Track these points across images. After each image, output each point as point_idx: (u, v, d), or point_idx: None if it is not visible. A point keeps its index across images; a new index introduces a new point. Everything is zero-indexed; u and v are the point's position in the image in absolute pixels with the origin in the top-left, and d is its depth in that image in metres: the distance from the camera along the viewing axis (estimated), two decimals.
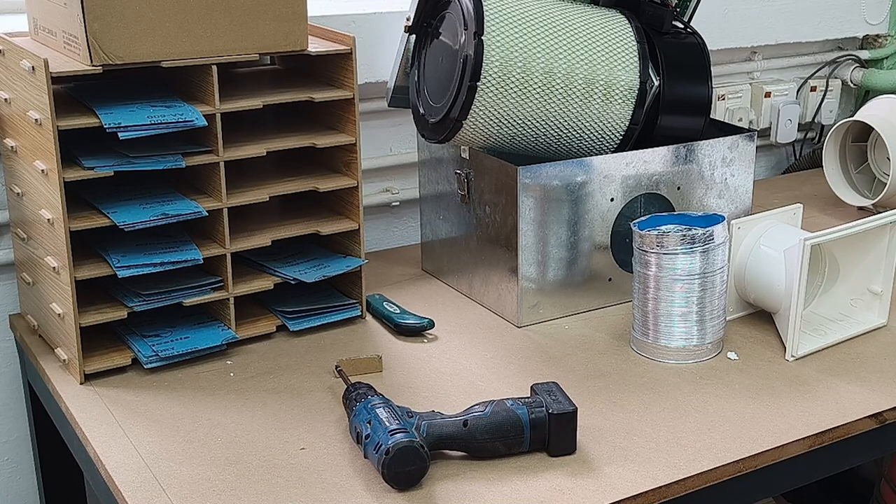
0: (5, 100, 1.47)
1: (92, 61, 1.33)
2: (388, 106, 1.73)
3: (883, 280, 1.57)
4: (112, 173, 1.37)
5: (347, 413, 1.28)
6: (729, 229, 1.51)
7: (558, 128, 1.57)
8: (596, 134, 1.60)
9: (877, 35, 2.50)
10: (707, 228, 1.44)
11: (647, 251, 1.46)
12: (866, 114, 2.06)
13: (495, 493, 1.17)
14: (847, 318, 1.59)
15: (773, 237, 1.56)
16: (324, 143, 1.53)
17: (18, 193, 1.52)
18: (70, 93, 1.43)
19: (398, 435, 1.16)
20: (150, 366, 1.44)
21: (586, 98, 1.56)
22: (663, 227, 1.49)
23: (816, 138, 2.52)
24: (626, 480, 1.19)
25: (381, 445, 1.16)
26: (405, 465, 1.15)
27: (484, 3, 1.49)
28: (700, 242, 1.44)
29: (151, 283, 1.45)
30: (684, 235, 1.43)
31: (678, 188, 1.67)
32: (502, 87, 1.50)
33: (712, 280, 1.46)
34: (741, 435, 1.29)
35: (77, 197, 1.43)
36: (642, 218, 1.51)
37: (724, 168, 1.71)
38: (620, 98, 1.59)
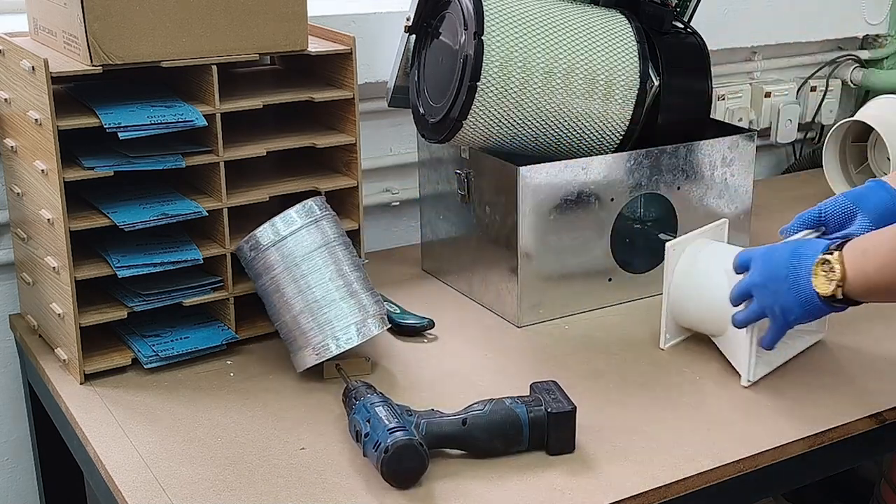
0: (5, 100, 1.47)
1: (92, 61, 1.33)
2: (388, 106, 1.73)
3: None
4: (112, 173, 1.37)
5: (347, 412, 1.28)
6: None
7: (558, 128, 1.57)
8: (596, 134, 1.60)
9: (877, 35, 2.50)
10: (305, 203, 1.41)
11: (266, 246, 1.39)
12: (866, 114, 2.06)
13: (494, 491, 1.17)
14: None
15: (709, 257, 1.46)
16: (324, 143, 1.53)
17: (18, 193, 1.52)
18: (70, 93, 1.43)
19: (397, 433, 1.16)
20: (150, 366, 1.44)
21: (586, 98, 1.56)
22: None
23: (816, 138, 2.52)
24: (625, 480, 1.19)
25: (380, 444, 1.16)
26: (404, 463, 1.16)
27: (484, 3, 1.49)
28: (312, 213, 1.41)
29: (151, 283, 1.45)
30: (298, 210, 1.40)
31: (678, 188, 1.67)
32: (502, 87, 1.50)
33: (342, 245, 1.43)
34: (741, 435, 1.29)
35: (77, 197, 1.43)
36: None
37: (724, 168, 1.71)
38: (620, 98, 1.59)
